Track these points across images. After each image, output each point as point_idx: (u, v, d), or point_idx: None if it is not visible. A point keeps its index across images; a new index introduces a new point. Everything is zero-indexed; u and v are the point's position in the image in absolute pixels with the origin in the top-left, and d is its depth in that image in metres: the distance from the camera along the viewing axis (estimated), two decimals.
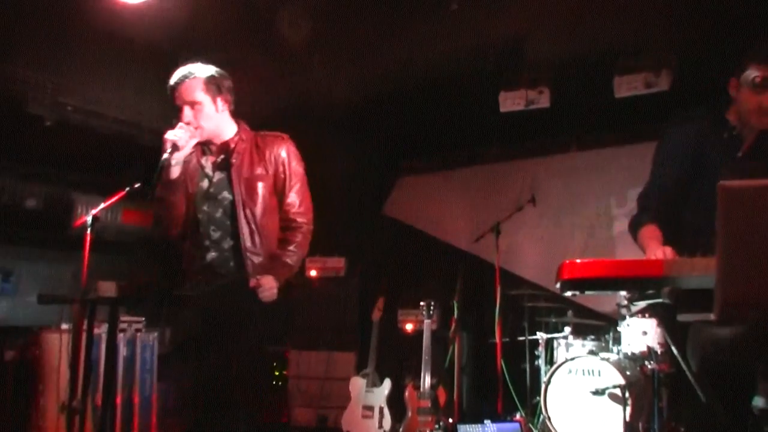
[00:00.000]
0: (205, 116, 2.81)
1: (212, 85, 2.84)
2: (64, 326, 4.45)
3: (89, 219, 3.26)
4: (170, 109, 2.89)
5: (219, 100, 2.85)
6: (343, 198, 7.26)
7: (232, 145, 2.90)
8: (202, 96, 2.80)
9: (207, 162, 2.94)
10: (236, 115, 2.99)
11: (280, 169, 2.92)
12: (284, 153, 2.94)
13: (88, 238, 3.20)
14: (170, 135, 2.68)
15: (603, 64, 4.96)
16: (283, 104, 5.62)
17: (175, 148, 2.67)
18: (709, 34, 4.56)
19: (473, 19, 4.43)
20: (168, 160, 2.68)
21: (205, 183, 2.92)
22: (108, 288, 2.57)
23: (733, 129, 2.50)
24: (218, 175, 2.91)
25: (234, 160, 2.88)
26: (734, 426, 2.16)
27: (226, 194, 2.87)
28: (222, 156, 2.92)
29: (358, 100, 5.74)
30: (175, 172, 2.75)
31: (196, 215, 2.88)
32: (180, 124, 2.76)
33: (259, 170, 2.89)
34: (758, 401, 1.99)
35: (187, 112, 2.80)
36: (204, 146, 2.93)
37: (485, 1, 4.24)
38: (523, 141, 6.44)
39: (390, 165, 7.26)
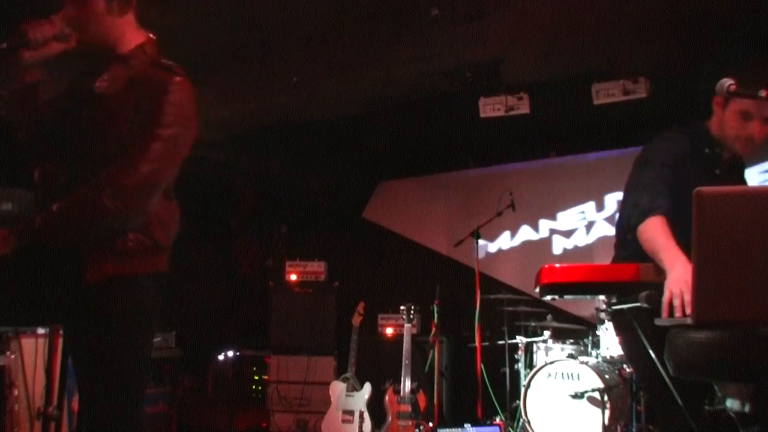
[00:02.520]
0: (91, 14, 1.96)
1: None
2: (41, 331, 4.39)
3: None
4: None
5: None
6: (323, 203, 7.28)
7: (116, 58, 2.01)
8: None
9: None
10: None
11: (146, 104, 1.91)
12: (161, 86, 1.93)
13: None
14: (27, 23, 1.90)
15: (581, 76, 5.01)
16: (265, 119, 5.61)
17: (22, 40, 1.86)
18: (683, 49, 4.63)
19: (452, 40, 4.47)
20: (4, 48, 1.86)
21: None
22: None
23: (715, 145, 2.47)
24: (76, 90, 2.05)
25: (101, 82, 1.98)
26: (709, 429, 2.19)
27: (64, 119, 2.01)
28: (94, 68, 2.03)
29: (339, 114, 5.74)
30: (33, 74, 1.99)
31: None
32: (53, 16, 1.94)
33: (120, 97, 1.95)
34: (733, 404, 2.02)
35: (68, 9, 1.96)
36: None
37: (463, 19, 4.26)
38: (502, 146, 6.48)
39: (370, 170, 7.27)
